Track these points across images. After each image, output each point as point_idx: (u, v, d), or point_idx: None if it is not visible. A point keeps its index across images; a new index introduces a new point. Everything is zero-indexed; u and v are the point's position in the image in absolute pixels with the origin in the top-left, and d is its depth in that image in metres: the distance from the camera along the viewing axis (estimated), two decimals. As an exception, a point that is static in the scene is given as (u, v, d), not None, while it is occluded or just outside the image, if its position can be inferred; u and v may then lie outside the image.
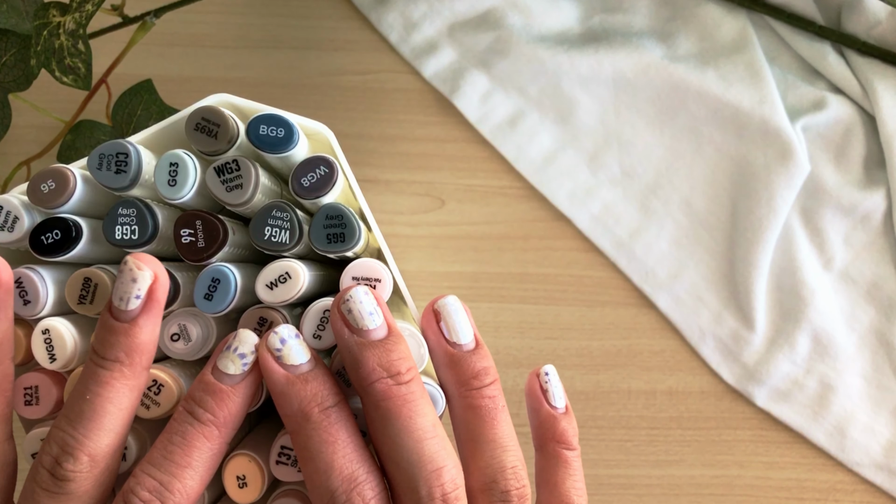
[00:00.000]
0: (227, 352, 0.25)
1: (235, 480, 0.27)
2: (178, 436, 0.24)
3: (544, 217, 0.47)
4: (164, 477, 0.24)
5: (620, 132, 0.47)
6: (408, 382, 0.25)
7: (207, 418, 0.24)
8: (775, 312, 0.45)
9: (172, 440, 0.24)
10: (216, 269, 0.27)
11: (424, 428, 0.25)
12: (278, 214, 0.27)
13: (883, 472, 0.44)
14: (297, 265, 0.27)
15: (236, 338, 0.25)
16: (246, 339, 0.25)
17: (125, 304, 0.24)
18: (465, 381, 0.27)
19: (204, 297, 0.27)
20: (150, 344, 0.25)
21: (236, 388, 0.25)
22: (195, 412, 0.25)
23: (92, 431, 0.24)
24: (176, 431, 0.24)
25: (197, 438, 0.24)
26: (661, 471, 0.45)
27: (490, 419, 0.27)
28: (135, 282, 0.24)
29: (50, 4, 0.36)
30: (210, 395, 0.25)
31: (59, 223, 0.27)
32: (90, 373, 0.24)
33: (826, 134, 0.46)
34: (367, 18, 0.49)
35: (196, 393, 0.25)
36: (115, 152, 0.27)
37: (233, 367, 0.25)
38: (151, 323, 0.25)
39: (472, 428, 0.27)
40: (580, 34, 0.48)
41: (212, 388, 0.25)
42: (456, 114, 0.48)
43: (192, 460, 0.24)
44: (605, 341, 0.46)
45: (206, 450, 0.24)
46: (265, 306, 0.27)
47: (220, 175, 0.27)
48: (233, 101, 0.30)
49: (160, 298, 0.25)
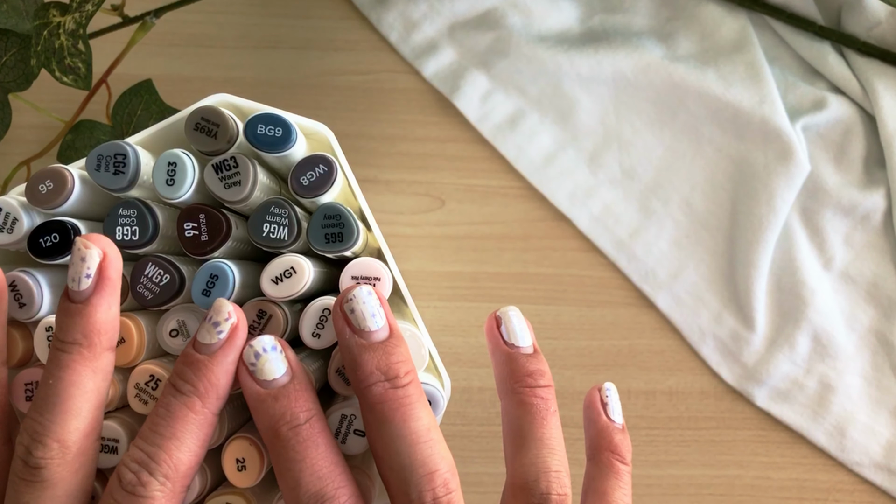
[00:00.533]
0: (205, 322, 0.25)
1: (234, 463, 0.27)
2: (163, 408, 0.24)
3: (544, 217, 0.47)
4: (150, 448, 0.24)
5: (620, 132, 0.47)
6: (405, 386, 0.25)
7: (188, 389, 0.24)
8: (775, 312, 0.45)
9: (158, 413, 0.24)
10: (214, 265, 0.27)
11: (419, 431, 0.25)
12: (276, 211, 0.27)
13: (883, 472, 0.44)
14: (302, 260, 0.27)
15: (211, 308, 0.25)
16: (219, 307, 0.25)
17: (77, 285, 0.24)
18: (520, 377, 0.27)
19: (202, 292, 0.27)
20: (108, 323, 0.25)
21: (214, 356, 0.25)
22: (176, 384, 0.25)
23: (58, 416, 0.24)
24: (161, 405, 0.25)
25: (179, 409, 0.24)
26: (661, 471, 0.45)
27: (540, 418, 0.27)
28: (83, 261, 0.24)
29: (50, 4, 0.36)
30: (188, 366, 0.25)
31: (57, 226, 0.27)
32: (52, 358, 0.24)
33: (826, 134, 0.46)
34: (367, 18, 0.49)
35: (178, 366, 0.25)
36: (113, 153, 0.27)
37: (209, 337, 0.25)
38: (106, 301, 0.25)
39: (521, 424, 0.27)
40: (580, 34, 0.48)
41: (190, 360, 0.25)
42: (456, 114, 0.48)
43: (177, 431, 0.24)
44: (605, 341, 0.46)
45: (190, 420, 0.24)
46: (265, 299, 0.27)
47: (219, 172, 0.27)
48: (232, 100, 0.30)
49: (112, 276, 0.25)
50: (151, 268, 0.27)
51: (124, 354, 0.27)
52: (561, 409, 0.45)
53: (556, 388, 0.45)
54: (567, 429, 0.45)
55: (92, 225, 0.28)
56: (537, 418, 0.27)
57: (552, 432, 0.27)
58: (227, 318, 0.25)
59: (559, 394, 0.45)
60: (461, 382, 0.45)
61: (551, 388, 0.28)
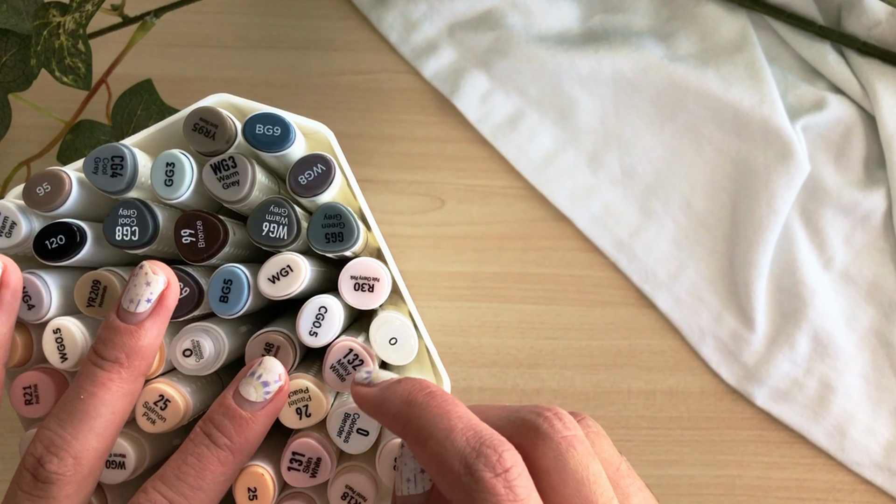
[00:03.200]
0: (251, 378, 0.25)
1: (246, 492, 0.27)
2: (194, 457, 0.24)
3: (544, 217, 0.47)
4: (174, 497, 0.23)
5: (620, 132, 0.47)
6: (105, 369, 0.25)
7: (224, 443, 0.24)
8: (775, 312, 0.45)
9: (187, 461, 0.24)
10: (228, 270, 0.27)
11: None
12: (276, 210, 0.27)
13: (883, 472, 0.44)
14: (298, 258, 0.27)
15: (261, 365, 0.25)
16: (271, 367, 0.25)
17: (135, 307, 0.24)
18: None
19: (219, 299, 0.27)
20: (152, 349, 0.25)
21: (256, 415, 0.25)
22: (213, 435, 0.24)
23: (81, 432, 0.23)
24: (192, 453, 0.24)
25: (212, 462, 0.24)
26: (661, 471, 0.45)
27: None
28: (149, 285, 0.24)
29: (50, 4, 0.36)
30: (230, 419, 0.24)
31: (63, 228, 0.27)
32: (87, 373, 0.24)
33: (826, 134, 0.46)
34: (367, 18, 0.49)
35: (216, 416, 0.25)
36: (111, 156, 0.27)
37: (255, 395, 0.25)
38: (157, 328, 0.25)
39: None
40: (580, 34, 0.48)
41: (232, 413, 0.24)
42: (456, 114, 0.48)
43: (205, 483, 0.24)
44: (605, 341, 0.46)
45: (219, 474, 0.24)
46: (270, 330, 0.27)
47: (217, 172, 0.27)
48: (232, 100, 0.30)
49: (170, 305, 0.25)
50: None
51: None
52: (561, 409, 0.45)
53: (557, 387, 0.45)
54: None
55: (91, 226, 0.28)
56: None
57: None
58: (278, 379, 0.25)
59: (560, 393, 0.45)
60: (461, 383, 0.45)
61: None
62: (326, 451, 0.27)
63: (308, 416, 0.27)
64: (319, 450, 0.27)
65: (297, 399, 0.27)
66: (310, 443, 0.27)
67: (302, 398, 0.27)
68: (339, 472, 0.28)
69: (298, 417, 0.27)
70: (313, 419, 0.27)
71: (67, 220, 0.27)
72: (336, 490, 0.27)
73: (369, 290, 0.28)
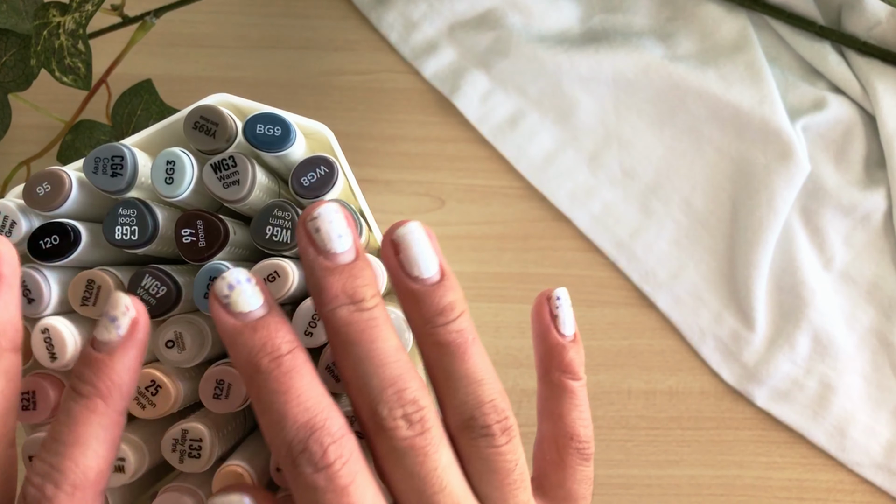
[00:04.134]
0: (102, 318, 0.23)
1: None
2: (64, 414, 0.23)
3: (544, 217, 0.47)
4: (53, 459, 0.22)
5: (620, 132, 0.47)
6: (371, 309, 0.24)
7: (88, 391, 0.23)
8: (775, 312, 0.45)
9: (59, 420, 0.23)
10: (212, 267, 0.27)
11: (386, 351, 0.23)
12: (280, 213, 0.27)
13: (883, 472, 0.44)
14: (286, 263, 0.27)
15: (108, 303, 0.24)
16: (116, 301, 0.23)
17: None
18: (429, 318, 0.24)
19: (204, 296, 0.27)
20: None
21: (113, 354, 0.23)
22: (76, 386, 0.23)
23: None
24: (62, 411, 0.23)
25: (81, 413, 0.23)
26: (661, 471, 0.45)
27: (460, 354, 0.24)
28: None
29: (50, 4, 0.36)
30: (87, 366, 0.23)
31: (57, 228, 0.27)
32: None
33: (826, 134, 0.46)
34: (367, 18, 0.49)
35: (76, 367, 0.23)
36: (111, 155, 0.27)
37: (107, 334, 0.23)
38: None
39: (443, 366, 0.25)
40: (580, 34, 0.48)
41: (89, 359, 0.23)
42: (456, 114, 0.48)
43: (80, 437, 0.23)
44: (605, 341, 0.46)
45: (94, 423, 0.23)
46: None
47: (217, 171, 0.27)
48: (232, 100, 0.30)
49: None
50: (148, 279, 0.27)
51: None
52: (561, 409, 0.45)
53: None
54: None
55: (91, 226, 0.28)
56: (457, 355, 0.24)
57: (476, 362, 0.25)
58: (125, 311, 0.23)
59: (559, 394, 0.45)
60: (461, 382, 0.45)
61: (465, 315, 0.25)
62: None
63: None
64: None
65: None
66: None
67: None
68: None
69: None
70: None
71: (62, 220, 0.27)
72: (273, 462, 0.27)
73: None
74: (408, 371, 0.23)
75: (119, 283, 0.27)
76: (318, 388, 0.23)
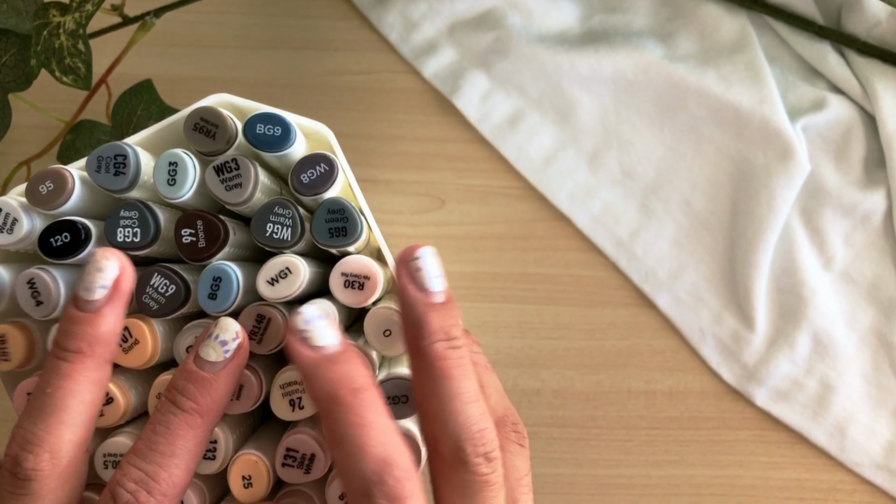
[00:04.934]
0: (209, 339, 0.25)
1: (241, 480, 0.27)
2: (162, 426, 0.24)
3: (544, 217, 0.47)
4: (149, 467, 0.24)
5: (620, 132, 0.47)
6: (460, 348, 0.25)
7: (190, 406, 0.24)
8: (775, 312, 0.45)
9: (156, 430, 0.24)
10: (216, 268, 0.27)
11: (473, 391, 0.25)
12: (280, 211, 0.27)
13: (883, 472, 0.44)
14: (297, 260, 0.27)
15: (217, 325, 0.25)
16: (227, 326, 0.25)
17: (91, 294, 0.24)
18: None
19: (208, 296, 0.27)
20: (113, 335, 0.25)
21: (218, 375, 0.25)
22: (177, 401, 0.24)
23: (52, 426, 0.23)
24: (160, 422, 0.24)
25: (180, 427, 0.24)
26: (661, 471, 0.45)
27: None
28: (100, 271, 0.24)
29: (50, 4, 0.36)
30: (192, 383, 0.25)
31: (67, 226, 0.27)
32: (52, 366, 0.24)
33: (826, 134, 0.46)
34: (367, 18, 0.49)
35: (179, 382, 0.25)
36: (114, 154, 0.27)
37: (214, 355, 0.25)
38: (115, 314, 0.25)
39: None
40: (580, 34, 0.48)
41: (194, 377, 0.25)
42: (456, 114, 0.48)
43: (177, 449, 0.24)
44: (605, 341, 0.46)
45: (189, 438, 0.24)
46: (263, 303, 0.27)
47: (220, 174, 0.27)
48: (232, 100, 0.30)
49: (125, 290, 0.25)
50: (157, 278, 0.27)
51: (139, 356, 0.27)
52: (561, 409, 0.45)
53: (557, 387, 0.45)
54: (568, 429, 0.45)
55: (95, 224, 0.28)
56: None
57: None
58: (235, 337, 0.25)
59: (560, 393, 0.46)
60: (461, 382, 0.45)
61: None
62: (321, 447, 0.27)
63: (301, 409, 0.27)
64: (314, 446, 0.27)
65: (290, 390, 0.27)
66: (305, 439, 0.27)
67: (296, 390, 0.27)
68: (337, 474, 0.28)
69: (291, 409, 0.27)
70: (307, 411, 0.27)
71: (72, 218, 0.27)
72: (334, 491, 0.27)
73: (359, 288, 0.28)
74: (486, 412, 0.25)
75: None
76: (392, 424, 0.24)
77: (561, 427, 0.45)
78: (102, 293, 0.24)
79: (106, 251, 0.25)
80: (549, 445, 0.45)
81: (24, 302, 0.27)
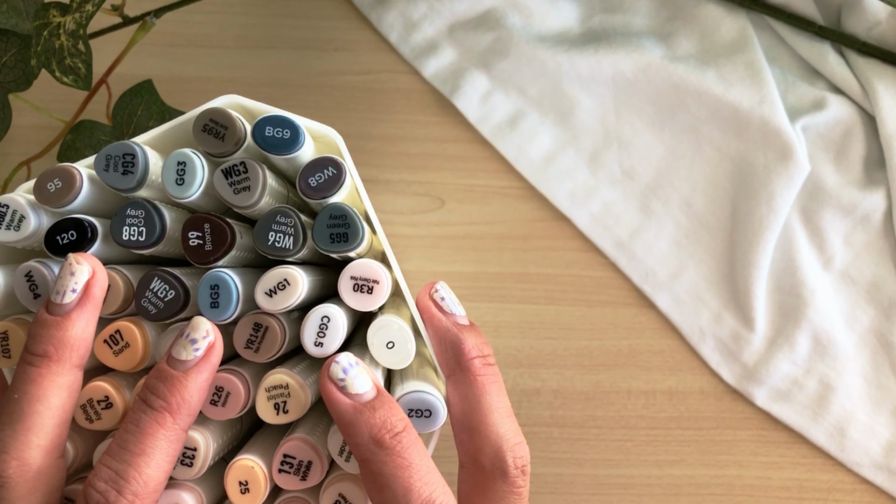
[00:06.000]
0: (181, 339, 0.25)
1: (238, 486, 0.27)
2: (133, 424, 0.24)
3: (544, 217, 0.47)
4: (118, 465, 0.23)
5: (620, 132, 0.47)
6: (494, 364, 0.28)
7: (159, 404, 0.24)
8: (775, 312, 0.45)
9: (127, 429, 0.24)
10: (214, 276, 0.27)
11: (508, 406, 0.27)
12: (282, 220, 0.27)
13: (883, 472, 0.44)
14: (295, 272, 0.27)
15: (189, 324, 0.25)
16: (198, 325, 0.25)
17: (60, 298, 0.24)
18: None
19: (210, 305, 0.27)
20: (83, 340, 0.25)
21: (188, 373, 0.25)
22: (148, 399, 0.24)
23: (19, 433, 0.23)
24: (131, 420, 0.24)
25: (150, 425, 0.24)
26: (661, 471, 0.45)
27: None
28: (72, 275, 0.25)
29: (50, 5, 0.36)
30: (162, 381, 0.25)
31: (74, 223, 0.27)
32: (20, 371, 0.24)
33: (826, 134, 0.46)
34: (367, 18, 0.49)
35: (150, 381, 0.25)
36: (122, 153, 0.27)
37: (185, 353, 0.25)
38: (85, 318, 0.25)
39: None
40: (580, 34, 0.48)
41: (164, 375, 0.25)
42: (456, 114, 0.48)
43: (146, 447, 0.24)
44: (605, 341, 0.46)
45: (160, 437, 0.24)
46: (260, 311, 0.27)
47: (228, 177, 0.27)
48: (242, 102, 0.30)
49: (96, 295, 0.25)
50: (157, 282, 0.27)
51: (129, 359, 0.27)
52: (561, 409, 0.45)
53: (557, 387, 0.45)
54: (567, 429, 0.45)
55: (101, 223, 0.28)
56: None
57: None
58: (205, 335, 0.25)
59: (560, 393, 0.46)
60: (461, 382, 0.45)
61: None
62: (318, 454, 0.27)
63: (286, 413, 0.27)
64: (311, 453, 0.27)
65: (275, 394, 0.27)
66: (301, 446, 0.27)
67: (281, 393, 0.27)
68: (332, 480, 0.27)
69: (276, 412, 0.27)
70: (291, 416, 0.27)
71: (79, 216, 0.27)
72: (328, 498, 0.27)
73: (368, 292, 0.27)
74: (518, 426, 0.27)
75: (128, 283, 0.27)
76: (431, 462, 0.25)
77: (561, 427, 0.45)
78: (72, 297, 0.24)
79: (79, 255, 0.25)
80: (548, 445, 0.45)
81: (21, 295, 0.27)
